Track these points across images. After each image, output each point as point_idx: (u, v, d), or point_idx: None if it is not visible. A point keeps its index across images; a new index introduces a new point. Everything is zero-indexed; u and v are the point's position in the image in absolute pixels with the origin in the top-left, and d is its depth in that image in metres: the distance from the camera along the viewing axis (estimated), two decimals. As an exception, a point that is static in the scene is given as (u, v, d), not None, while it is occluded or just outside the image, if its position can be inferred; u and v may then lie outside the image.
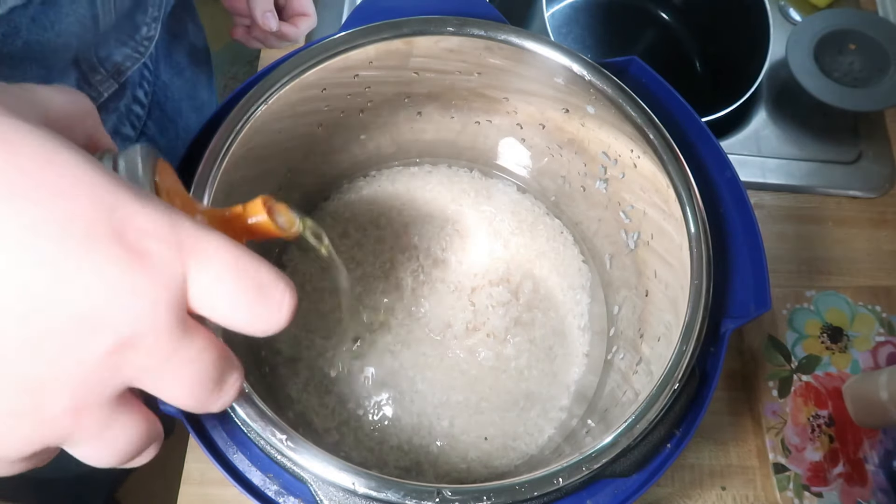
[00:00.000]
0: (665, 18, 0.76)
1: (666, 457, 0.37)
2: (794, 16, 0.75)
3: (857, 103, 0.65)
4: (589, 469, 0.34)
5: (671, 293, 0.42)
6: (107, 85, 0.51)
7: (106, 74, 0.51)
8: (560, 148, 0.51)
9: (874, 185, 0.67)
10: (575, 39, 0.74)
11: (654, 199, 0.44)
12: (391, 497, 0.32)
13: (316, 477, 0.33)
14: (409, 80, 0.47)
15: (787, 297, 0.59)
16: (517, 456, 0.49)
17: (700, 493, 0.54)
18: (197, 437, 0.35)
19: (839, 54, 0.68)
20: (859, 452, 0.54)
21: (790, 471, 0.53)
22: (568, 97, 0.45)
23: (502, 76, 0.46)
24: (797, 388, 0.56)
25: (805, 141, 0.69)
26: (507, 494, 0.33)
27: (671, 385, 0.36)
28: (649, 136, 0.41)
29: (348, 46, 0.42)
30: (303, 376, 0.49)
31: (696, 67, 0.74)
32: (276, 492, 0.35)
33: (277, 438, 0.33)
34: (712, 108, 0.62)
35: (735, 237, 0.42)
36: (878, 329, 0.59)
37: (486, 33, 0.43)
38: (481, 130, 0.53)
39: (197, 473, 0.51)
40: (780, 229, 0.65)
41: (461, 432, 0.49)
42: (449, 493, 0.32)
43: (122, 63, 0.52)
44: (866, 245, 0.65)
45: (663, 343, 0.41)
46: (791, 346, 0.57)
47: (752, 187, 0.67)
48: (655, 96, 0.44)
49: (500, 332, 0.52)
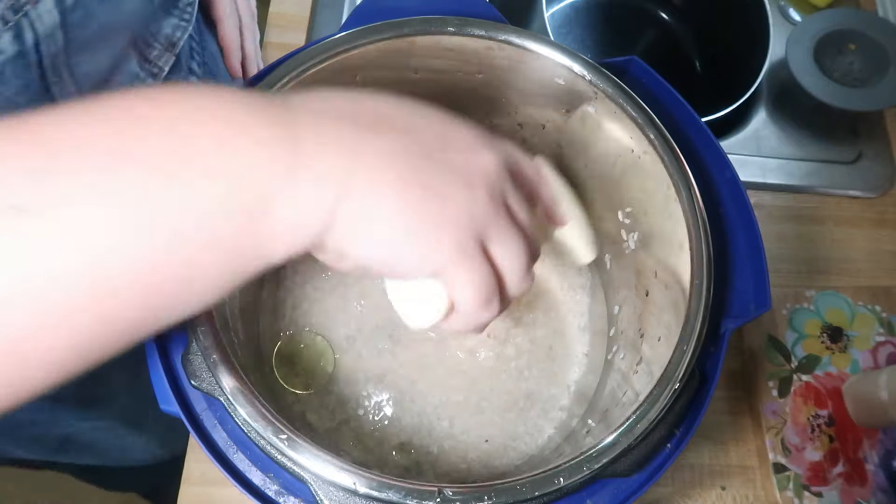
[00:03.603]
0: (665, 18, 0.76)
1: (666, 457, 0.37)
2: (794, 16, 0.75)
3: (857, 103, 0.65)
4: (589, 469, 0.34)
5: (671, 293, 0.43)
6: (165, 59, 0.52)
7: (161, 49, 0.51)
8: (560, 148, 0.51)
9: (874, 185, 0.67)
10: (575, 39, 0.74)
11: (654, 199, 0.44)
12: (392, 497, 0.32)
13: (316, 477, 0.33)
14: (409, 80, 0.47)
15: (787, 297, 0.59)
16: (517, 456, 0.49)
17: (700, 493, 0.54)
18: (197, 437, 0.35)
19: (839, 54, 0.68)
20: (859, 452, 0.54)
21: (790, 470, 0.53)
22: (568, 97, 0.45)
23: (503, 76, 0.46)
24: (797, 387, 0.56)
25: (805, 141, 0.69)
26: (508, 494, 0.33)
27: (671, 385, 0.36)
28: (649, 136, 0.41)
29: (348, 46, 0.42)
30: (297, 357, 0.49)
31: (696, 67, 0.74)
32: (276, 492, 0.35)
33: (278, 438, 0.33)
34: (712, 108, 0.62)
35: (735, 237, 0.42)
36: (878, 329, 0.59)
37: (487, 33, 0.43)
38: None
39: (197, 473, 0.51)
40: (780, 229, 0.65)
41: (461, 432, 0.49)
42: (450, 492, 0.32)
43: (172, 34, 0.52)
44: (866, 245, 0.65)
45: (663, 343, 0.41)
46: (791, 346, 0.57)
47: (752, 187, 0.67)
48: (655, 96, 0.44)
49: (501, 332, 0.52)
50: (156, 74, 0.51)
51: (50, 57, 0.39)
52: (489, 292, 0.29)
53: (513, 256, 0.29)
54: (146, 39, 0.49)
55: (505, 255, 0.29)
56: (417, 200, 0.27)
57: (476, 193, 0.28)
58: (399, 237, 0.27)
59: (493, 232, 0.28)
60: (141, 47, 0.49)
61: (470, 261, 0.28)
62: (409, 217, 0.26)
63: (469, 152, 0.29)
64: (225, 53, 0.63)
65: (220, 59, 0.63)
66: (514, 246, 0.29)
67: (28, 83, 0.39)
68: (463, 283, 0.28)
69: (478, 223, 0.28)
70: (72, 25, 0.39)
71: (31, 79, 0.39)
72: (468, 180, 0.28)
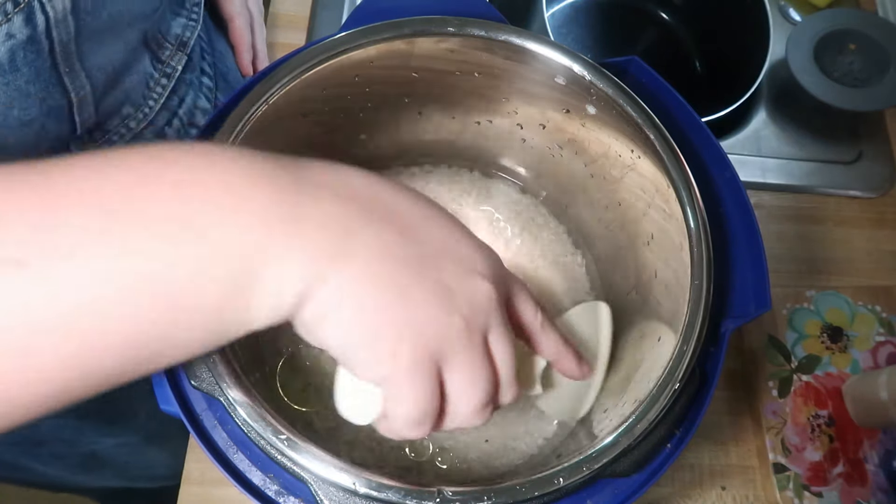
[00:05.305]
0: (665, 18, 0.76)
1: (666, 457, 0.37)
2: (794, 16, 0.75)
3: (857, 103, 0.65)
4: (589, 469, 0.34)
5: (671, 293, 0.43)
6: (177, 59, 0.52)
7: (173, 48, 0.51)
8: (560, 148, 0.51)
9: (874, 185, 0.67)
10: (575, 39, 0.74)
11: (654, 199, 0.44)
12: (392, 497, 0.32)
13: (316, 477, 0.33)
14: (409, 80, 0.47)
15: (787, 297, 0.59)
16: (517, 456, 0.49)
17: (700, 493, 0.54)
18: (197, 437, 0.35)
19: (839, 54, 0.68)
20: (859, 452, 0.54)
21: (790, 471, 0.53)
22: (568, 97, 0.45)
23: (503, 76, 0.46)
24: (797, 387, 0.56)
25: (805, 141, 0.69)
26: (508, 494, 0.33)
27: (671, 385, 0.36)
28: (649, 136, 0.41)
29: (348, 47, 0.42)
30: (303, 376, 0.49)
31: (696, 67, 0.74)
32: (277, 492, 0.35)
33: (278, 438, 0.33)
34: (712, 108, 0.62)
35: (735, 237, 0.42)
36: (878, 329, 0.59)
37: (487, 33, 0.43)
38: (481, 131, 0.53)
39: (197, 473, 0.51)
40: (780, 229, 0.65)
41: (461, 432, 0.49)
42: (450, 493, 0.32)
43: (182, 34, 0.52)
44: (866, 245, 0.65)
45: (663, 343, 0.41)
46: (791, 346, 0.57)
47: (752, 187, 0.67)
48: (655, 96, 0.44)
49: (501, 332, 0.52)
50: (169, 74, 0.51)
51: (61, 45, 0.39)
52: (422, 415, 0.28)
53: (467, 391, 0.28)
54: (157, 39, 0.49)
55: (459, 387, 0.28)
56: (390, 304, 0.26)
57: (452, 319, 0.27)
58: (359, 333, 0.26)
59: (455, 360, 0.27)
60: (153, 47, 0.49)
61: (419, 379, 0.27)
62: (376, 317, 0.26)
63: (466, 275, 0.28)
64: (236, 52, 0.63)
65: (229, 58, 0.63)
66: (472, 381, 0.28)
67: (40, 71, 0.39)
68: (401, 397, 0.27)
69: (442, 346, 0.27)
70: (83, 12, 0.40)
71: (42, 67, 0.39)
72: (451, 302, 0.27)
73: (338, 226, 0.26)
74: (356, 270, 0.26)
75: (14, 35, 0.36)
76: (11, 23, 0.35)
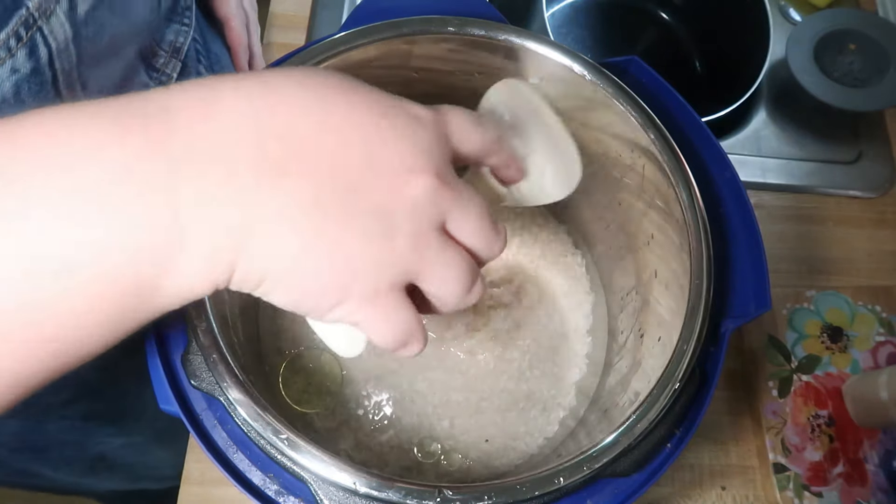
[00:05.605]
0: (665, 18, 0.76)
1: (666, 457, 0.37)
2: (794, 16, 0.75)
3: (857, 103, 0.65)
4: (589, 469, 0.34)
5: (671, 293, 0.43)
6: (172, 65, 0.52)
7: (167, 56, 0.51)
8: (560, 148, 0.51)
9: (874, 185, 0.67)
10: (575, 39, 0.74)
11: (654, 199, 0.44)
12: (392, 497, 0.32)
13: (316, 477, 0.33)
14: (409, 80, 0.47)
15: (787, 297, 0.59)
16: (517, 456, 0.49)
17: (700, 493, 0.54)
18: (197, 437, 0.35)
19: (839, 54, 0.68)
20: (859, 452, 0.54)
21: (790, 471, 0.53)
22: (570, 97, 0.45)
23: (503, 76, 0.46)
24: (797, 387, 0.56)
25: (805, 141, 0.69)
26: (508, 494, 0.33)
27: (671, 385, 0.36)
28: (649, 136, 0.41)
29: (348, 46, 0.42)
30: (304, 376, 0.49)
31: (696, 67, 0.74)
32: (276, 492, 0.35)
33: (278, 438, 0.33)
34: (712, 108, 0.62)
35: (735, 237, 0.42)
36: (878, 329, 0.59)
37: (487, 33, 0.43)
38: (481, 130, 0.53)
39: (197, 473, 0.51)
40: (780, 229, 0.65)
41: (461, 432, 0.49)
42: (450, 492, 0.32)
43: (175, 40, 0.52)
44: (866, 245, 0.65)
45: (663, 343, 0.41)
46: (791, 346, 0.57)
47: (752, 187, 0.67)
48: (655, 96, 0.44)
49: (501, 333, 0.52)
50: (164, 82, 0.51)
51: (64, 73, 0.39)
52: (406, 335, 0.27)
53: (444, 290, 0.28)
54: (151, 48, 0.49)
55: (436, 291, 0.28)
56: (323, 255, 0.25)
57: (395, 242, 0.26)
58: (300, 292, 0.26)
59: (419, 274, 0.27)
60: (147, 57, 0.49)
61: (382, 308, 0.26)
62: (314, 274, 0.25)
63: (399, 183, 0.26)
64: (233, 53, 0.63)
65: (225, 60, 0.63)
66: (444, 280, 0.28)
67: (43, 102, 0.38)
68: (375, 328, 0.27)
69: (395, 271, 0.26)
70: (84, 39, 0.39)
71: (46, 97, 0.38)
72: (390, 224, 0.26)
73: (233, 202, 0.24)
74: (278, 234, 0.24)
75: (18, 70, 0.36)
76: (15, 58, 0.35)
